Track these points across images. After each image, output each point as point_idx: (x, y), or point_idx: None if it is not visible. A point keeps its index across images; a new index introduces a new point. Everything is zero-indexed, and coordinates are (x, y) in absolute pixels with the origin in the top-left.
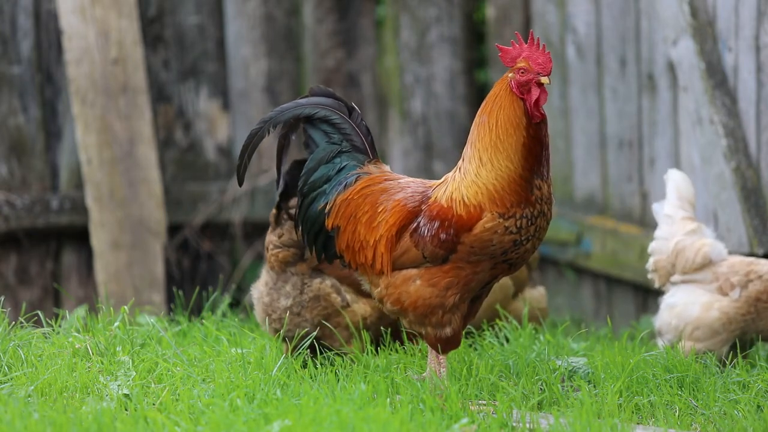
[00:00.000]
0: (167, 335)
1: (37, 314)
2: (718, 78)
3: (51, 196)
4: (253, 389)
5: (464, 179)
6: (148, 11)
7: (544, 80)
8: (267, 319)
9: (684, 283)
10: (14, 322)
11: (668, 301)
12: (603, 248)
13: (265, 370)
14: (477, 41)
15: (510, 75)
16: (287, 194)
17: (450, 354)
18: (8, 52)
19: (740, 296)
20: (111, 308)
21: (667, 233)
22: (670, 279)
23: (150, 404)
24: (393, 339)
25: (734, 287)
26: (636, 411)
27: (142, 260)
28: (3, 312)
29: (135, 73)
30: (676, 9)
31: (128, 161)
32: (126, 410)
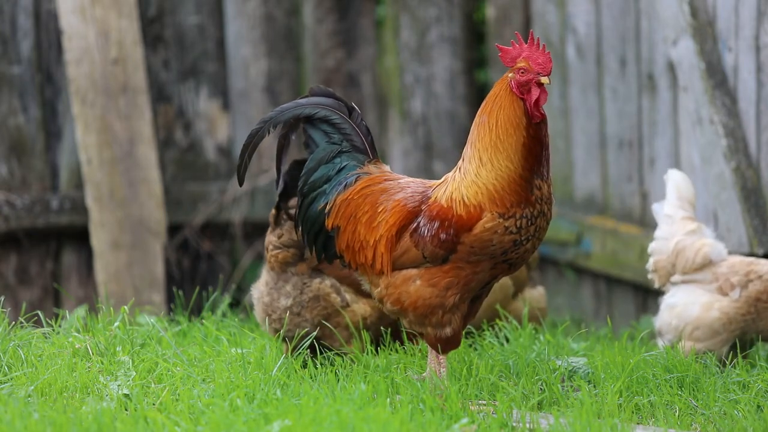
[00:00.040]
0: (167, 335)
1: (37, 314)
2: (718, 78)
3: (51, 196)
4: (253, 389)
5: (464, 179)
6: (148, 11)
7: (544, 80)
8: (267, 319)
9: (684, 283)
10: (14, 322)
11: (668, 301)
12: (603, 248)
13: (265, 370)
14: (477, 41)
15: (510, 75)
16: (287, 194)
17: (450, 354)
18: (8, 52)
19: (740, 296)
20: (111, 308)
21: (667, 233)
22: (670, 279)
23: (150, 404)
24: (393, 339)
25: (734, 287)
26: (636, 411)
27: (142, 260)
28: (3, 312)
29: (135, 73)
30: (676, 9)
31: (128, 161)
32: (126, 410)
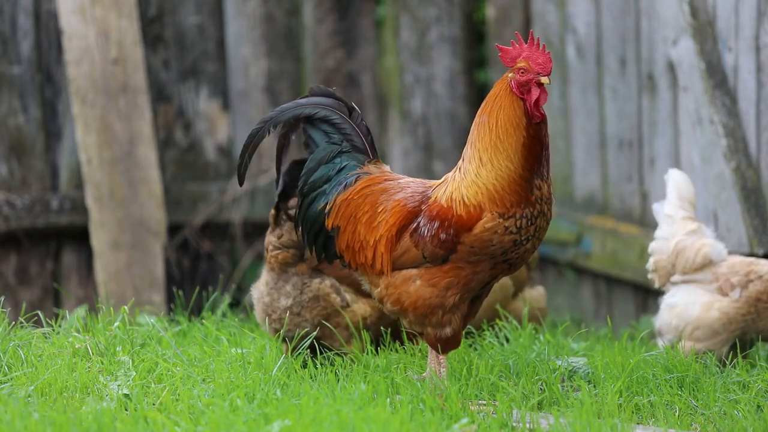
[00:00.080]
0: (167, 335)
1: (37, 314)
2: (718, 78)
3: (51, 196)
4: (253, 389)
5: (464, 179)
6: (148, 11)
7: (544, 80)
8: (267, 319)
9: (684, 283)
10: (14, 322)
11: (668, 301)
12: (603, 248)
13: (265, 370)
14: (477, 41)
15: (510, 75)
16: (286, 194)
17: (450, 354)
18: (8, 52)
19: (740, 296)
20: (111, 308)
21: (668, 233)
22: (671, 279)
23: (150, 404)
24: (393, 339)
25: (734, 287)
26: (636, 411)
27: (142, 260)
28: (3, 312)
29: (135, 73)
30: (676, 9)
31: (128, 161)
32: (126, 410)
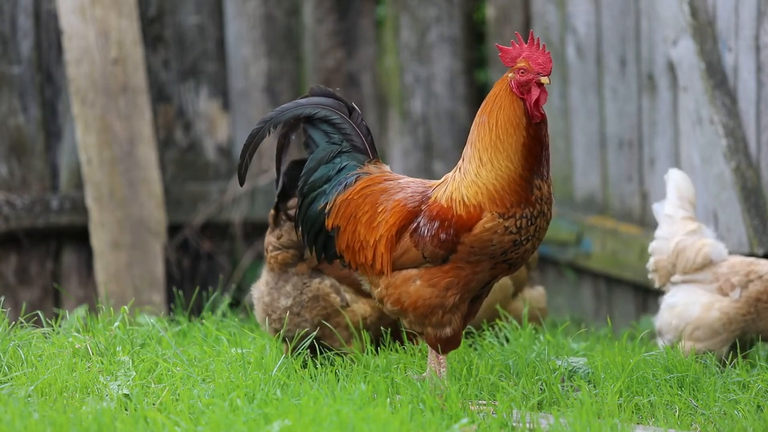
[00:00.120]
0: (167, 335)
1: (37, 314)
2: (718, 78)
3: (51, 196)
4: (253, 389)
5: (464, 179)
6: (148, 11)
7: (544, 80)
8: (267, 319)
9: (684, 283)
10: (14, 322)
11: (669, 301)
12: (603, 248)
13: (265, 370)
14: (477, 41)
15: (510, 75)
16: (285, 195)
17: (450, 354)
18: (8, 52)
19: (740, 296)
20: (111, 308)
21: (668, 233)
22: (671, 279)
23: (150, 404)
24: (393, 339)
25: (734, 287)
26: (636, 411)
27: (142, 260)
28: (3, 312)
29: (135, 73)
30: (676, 9)
31: (128, 161)
32: (126, 410)
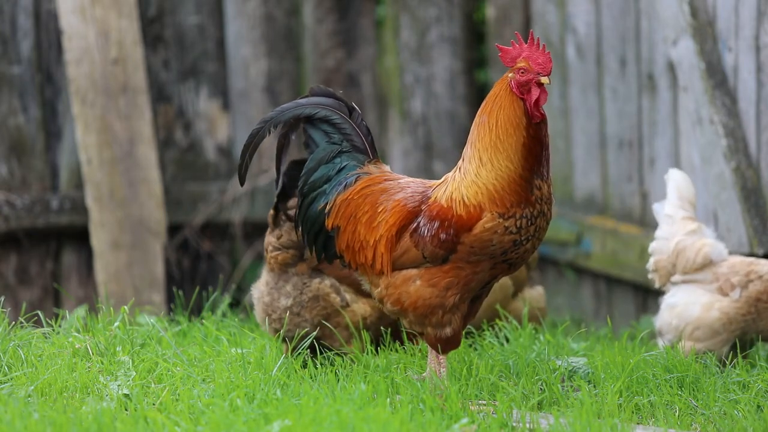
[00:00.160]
0: (167, 335)
1: (37, 314)
2: (718, 78)
3: (51, 196)
4: (253, 389)
5: (464, 179)
6: (148, 11)
7: (544, 80)
8: (267, 319)
9: (684, 283)
10: (14, 322)
11: (669, 301)
12: (603, 248)
13: (265, 370)
14: (477, 41)
15: (510, 75)
16: (285, 195)
17: (450, 354)
18: (8, 52)
19: (740, 296)
20: (111, 308)
21: (668, 233)
22: (671, 279)
23: (150, 404)
24: (393, 339)
25: (734, 287)
26: (636, 411)
27: (142, 260)
28: (3, 312)
29: (135, 73)
30: (676, 9)
31: (128, 161)
32: (126, 410)
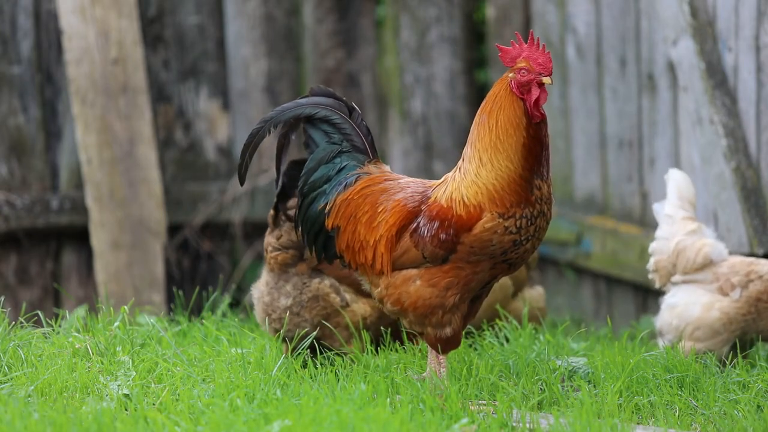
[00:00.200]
0: (167, 335)
1: (37, 314)
2: (718, 78)
3: (51, 196)
4: (253, 389)
5: (464, 179)
6: (148, 11)
7: (546, 80)
8: (267, 319)
9: (685, 284)
10: (14, 322)
11: (669, 302)
12: (603, 248)
13: (265, 370)
14: (477, 41)
15: (510, 75)
16: (284, 195)
17: (450, 354)
18: (8, 52)
19: (741, 296)
20: (111, 308)
21: (668, 233)
22: (671, 279)
23: (150, 404)
24: (393, 339)
25: (735, 287)
26: (636, 411)
27: (142, 260)
28: (3, 312)
29: (135, 73)
30: (676, 9)
31: (128, 161)
32: (126, 410)
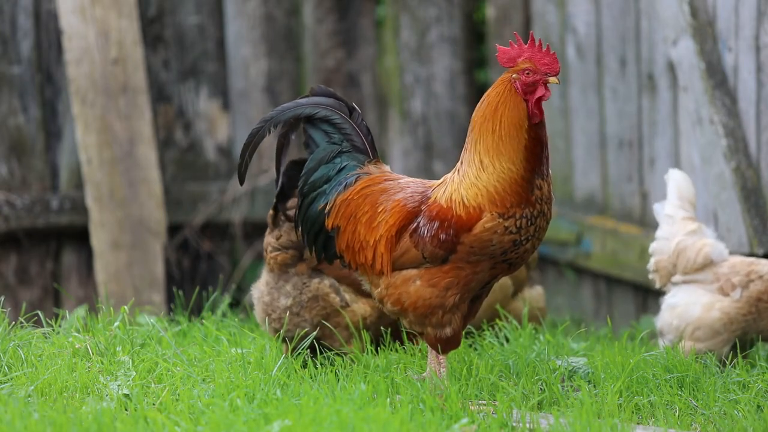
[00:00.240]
0: (167, 335)
1: (37, 314)
2: (718, 78)
3: (51, 196)
4: (253, 389)
5: (464, 180)
6: (148, 11)
7: (553, 80)
8: (267, 319)
9: (685, 284)
10: (14, 322)
11: (669, 302)
12: (603, 248)
13: (265, 370)
14: (477, 41)
15: (513, 76)
16: (284, 195)
17: (450, 354)
18: (8, 52)
19: (741, 296)
20: (111, 308)
21: (668, 233)
22: (671, 279)
23: (150, 404)
24: (393, 339)
25: (735, 287)
26: (636, 411)
27: (142, 260)
28: (3, 312)
29: (135, 73)
30: (676, 9)
31: (128, 161)
32: (126, 410)
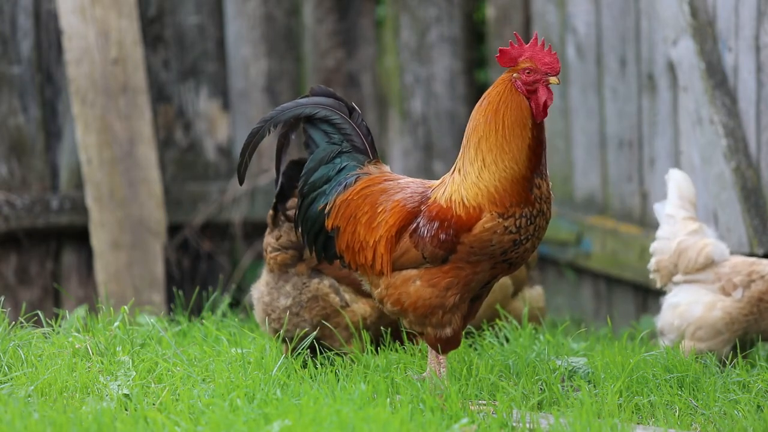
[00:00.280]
0: (167, 335)
1: (37, 314)
2: (718, 78)
3: (51, 196)
4: (253, 389)
5: (464, 181)
6: (148, 11)
7: (554, 80)
8: (267, 319)
9: (686, 283)
10: (14, 322)
11: (670, 301)
12: (603, 248)
13: (265, 370)
14: (477, 41)
15: (514, 75)
16: (284, 195)
17: (450, 354)
18: (8, 52)
19: (743, 296)
20: (111, 308)
21: (669, 233)
22: (672, 279)
23: (150, 404)
24: (393, 339)
25: (737, 287)
26: (636, 411)
27: (142, 260)
28: (3, 312)
29: (135, 73)
30: (676, 9)
31: (128, 161)
32: (126, 410)
